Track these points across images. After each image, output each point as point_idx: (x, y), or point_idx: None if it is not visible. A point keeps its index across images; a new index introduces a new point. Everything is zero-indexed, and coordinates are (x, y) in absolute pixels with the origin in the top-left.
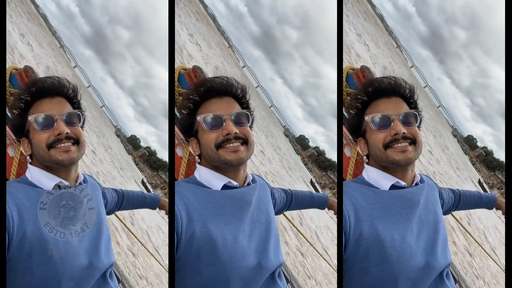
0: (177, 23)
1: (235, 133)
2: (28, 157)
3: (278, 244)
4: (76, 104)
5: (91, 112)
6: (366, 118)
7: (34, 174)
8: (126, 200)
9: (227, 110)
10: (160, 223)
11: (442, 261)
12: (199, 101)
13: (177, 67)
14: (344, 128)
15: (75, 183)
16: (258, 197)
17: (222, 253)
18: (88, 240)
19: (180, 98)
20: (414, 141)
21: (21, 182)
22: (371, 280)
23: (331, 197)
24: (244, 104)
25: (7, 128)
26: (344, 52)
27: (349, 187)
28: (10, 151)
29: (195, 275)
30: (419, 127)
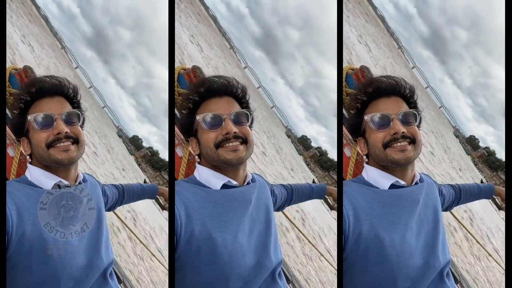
0: (178, 24)
1: (235, 132)
2: (27, 156)
3: (278, 242)
4: (76, 104)
5: (93, 113)
6: (366, 118)
7: (34, 173)
8: (126, 194)
9: (227, 109)
10: (163, 224)
11: (441, 259)
12: (198, 101)
13: (176, 67)
14: (344, 128)
15: (75, 182)
16: (258, 196)
17: (222, 252)
18: (88, 239)
19: (180, 98)
20: (413, 140)
21: (20, 181)
22: (371, 279)
23: (330, 185)
24: (244, 104)
25: (7, 128)
26: (345, 53)
27: (348, 187)
28: (10, 151)
29: (195, 274)
30: (418, 126)
